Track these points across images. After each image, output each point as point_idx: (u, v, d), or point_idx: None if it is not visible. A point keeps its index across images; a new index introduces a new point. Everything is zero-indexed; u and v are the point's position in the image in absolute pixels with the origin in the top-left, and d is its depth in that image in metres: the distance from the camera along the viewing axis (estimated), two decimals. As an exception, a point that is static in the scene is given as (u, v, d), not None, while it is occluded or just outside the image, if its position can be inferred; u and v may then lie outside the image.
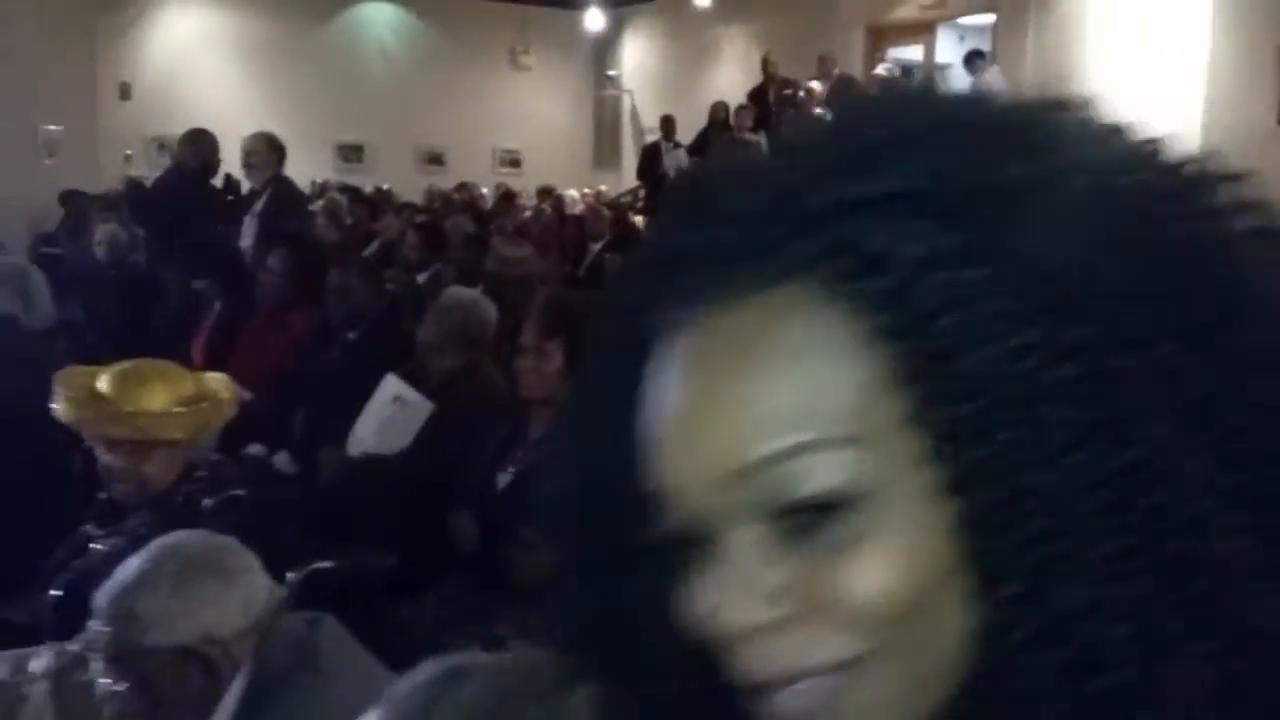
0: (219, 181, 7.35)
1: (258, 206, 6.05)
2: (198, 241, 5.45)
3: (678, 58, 14.24)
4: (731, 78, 12.52)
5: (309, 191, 9.18)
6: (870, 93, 0.45)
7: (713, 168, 0.46)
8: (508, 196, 11.38)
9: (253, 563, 1.60)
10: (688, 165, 10.52)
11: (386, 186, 11.51)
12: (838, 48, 11.35)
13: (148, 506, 2.37)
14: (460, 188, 11.56)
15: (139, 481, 2.41)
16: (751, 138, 9.38)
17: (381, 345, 3.94)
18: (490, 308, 4.04)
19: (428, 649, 1.06)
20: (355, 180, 11.88)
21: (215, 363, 4.20)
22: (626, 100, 14.76)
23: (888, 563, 0.37)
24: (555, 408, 2.83)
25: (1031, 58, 9.94)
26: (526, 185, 12.44)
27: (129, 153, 11.43)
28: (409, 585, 2.90)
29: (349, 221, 8.83)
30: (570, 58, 15.22)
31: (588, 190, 12.43)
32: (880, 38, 11.78)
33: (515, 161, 14.56)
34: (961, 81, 10.37)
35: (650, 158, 11.16)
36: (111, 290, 5.81)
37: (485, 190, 11.86)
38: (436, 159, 14.06)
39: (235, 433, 2.99)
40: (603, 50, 15.33)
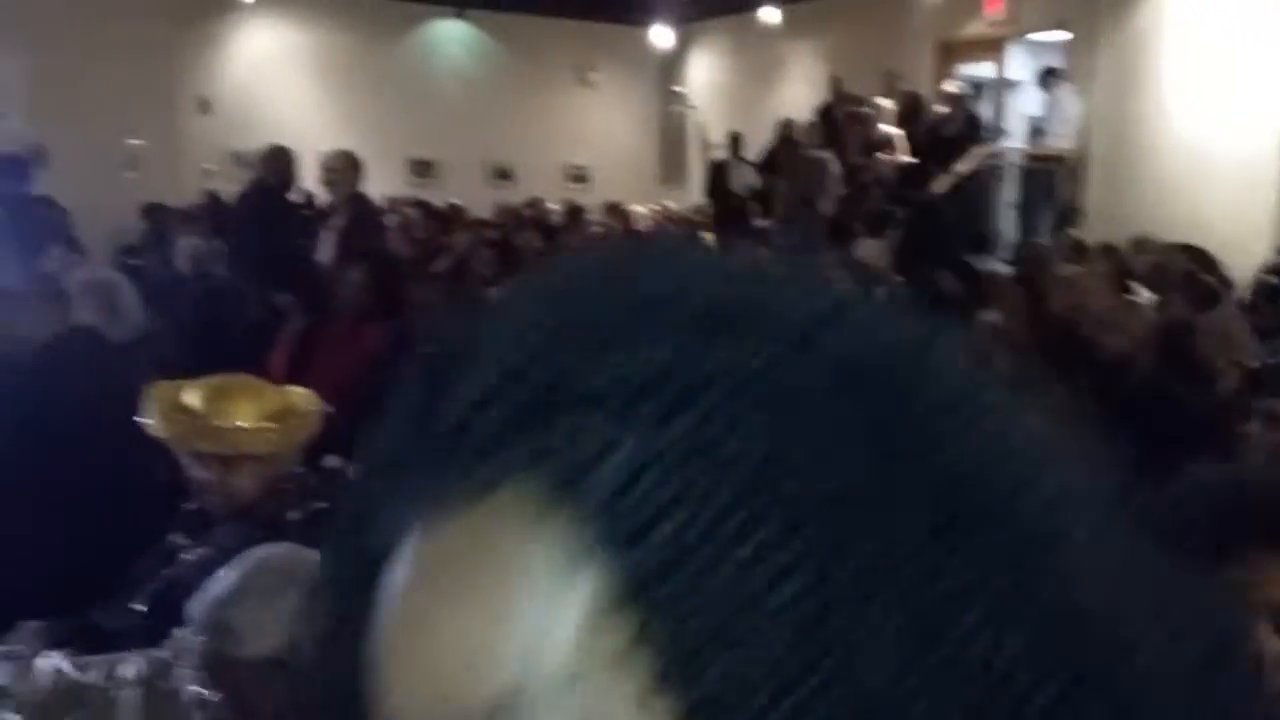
0: (296, 196, 7.51)
1: (337, 222, 6.18)
2: (277, 255, 5.58)
3: (744, 74, 14.26)
4: (798, 94, 12.51)
5: (382, 206, 9.32)
6: (608, 251, 0.39)
7: (445, 343, 0.39)
8: (575, 212, 11.47)
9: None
10: (754, 182, 10.54)
11: (457, 202, 11.66)
12: (906, 64, 11.29)
13: (235, 518, 2.43)
14: (530, 204, 11.67)
15: (227, 494, 2.47)
16: (818, 154, 9.37)
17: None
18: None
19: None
20: (426, 195, 12.06)
21: (294, 374, 4.29)
22: (692, 117, 14.80)
23: None
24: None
25: (1105, 75, 9.81)
26: (594, 201, 12.53)
27: (208, 166, 11.72)
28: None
29: (420, 236, 8.97)
30: (637, 75, 15.32)
31: (654, 206, 12.48)
32: (949, 54, 11.70)
33: (583, 177, 14.67)
34: (1034, 99, 10.26)
35: (717, 175, 11.18)
36: (192, 301, 5.95)
37: (554, 206, 11.97)
38: (505, 174, 14.21)
39: (312, 444, 3.05)
40: (669, 67, 15.40)
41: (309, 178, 7.72)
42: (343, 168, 6.52)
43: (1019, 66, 11.04)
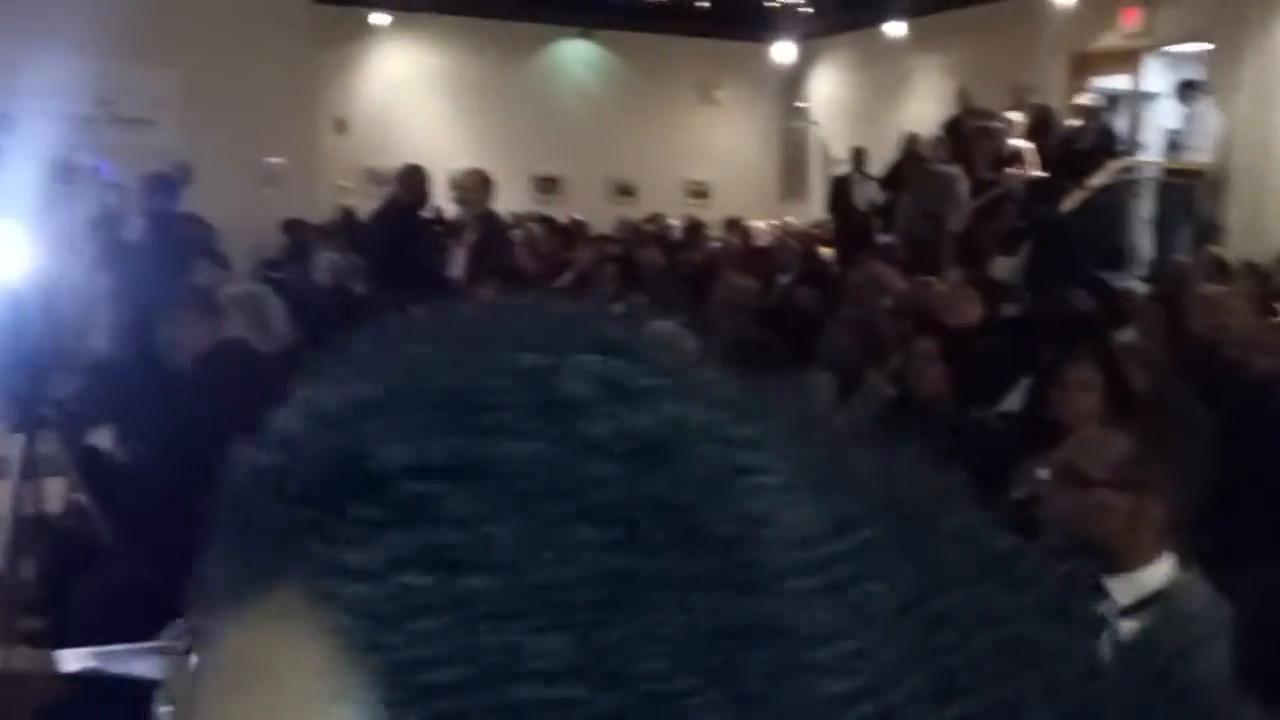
0: (429, 212, 7.74)
1: (468, 238, 6.35)
2: (412, 270, 5.76)
3: (868, 88, 14.14)
4: (924, 108, 12.35)
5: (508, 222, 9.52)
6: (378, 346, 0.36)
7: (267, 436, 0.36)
8: (696, 228, 11.53)
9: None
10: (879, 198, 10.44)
11: (580, 217, 11.84)
12: (1037, 77, 11.05)
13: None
14: (651, 219, 11.78)
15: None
16: (945, 169, 9.23)
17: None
18: (690, 341, 4.12)
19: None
20: (550, 211, 12.28)
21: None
22: (814, 132, 14.75)
23: None
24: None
25: (1249, 87, 9.44)
26: (714, 216, 12.58)
27: (343, 184, 12.16)
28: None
29: (544, 251, 9.13)
30: (759, 90, 15.33)
31: (774, 222, 12.46)
32: (1083, 67, 11.41)
33: (703, 193, 14.73)
34: (1171, 112, 9.93)
35: (839, 190, 11.11)
36: (330, 314, 6.17)
37: (674, 221, 12.05)
38: (627, 190, 14.37)
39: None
40: (791, 82, 15.37)
41: (440, 195, 7.94)
42: (474, 185, 6.70)
43: (1156, 79, 10.70)
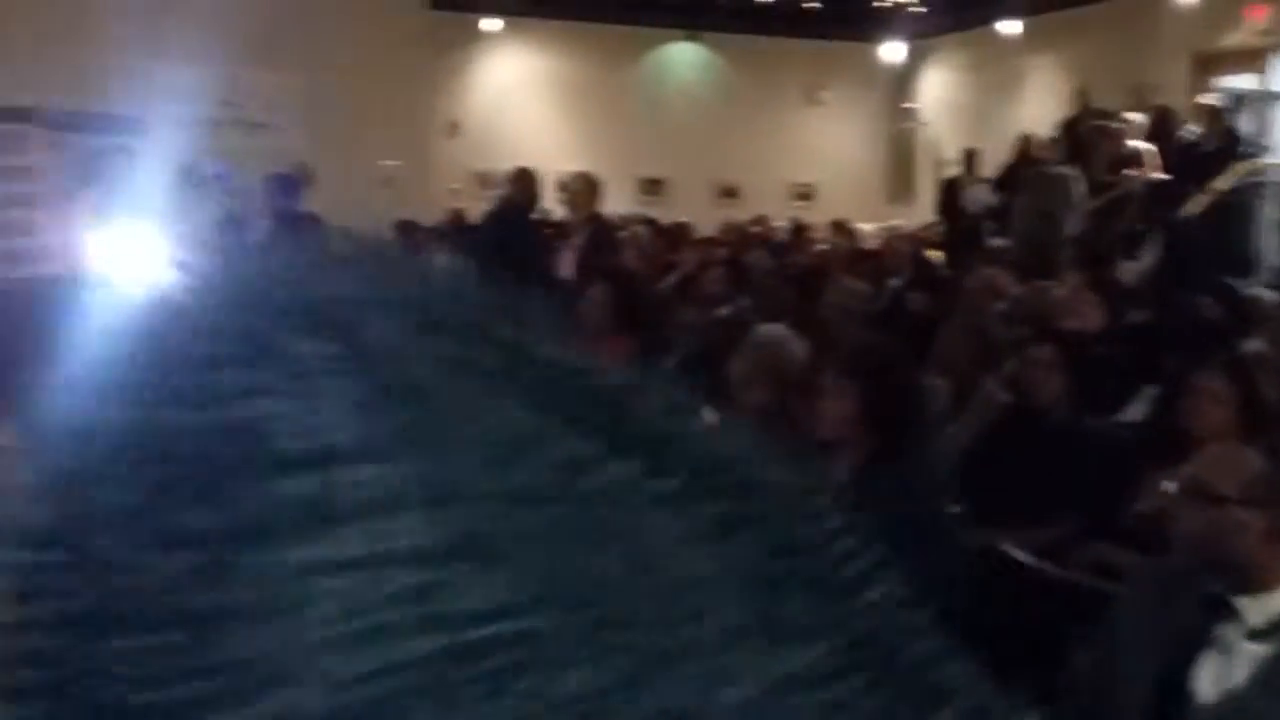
0: (538, 215, 7.83)
1: (576, 240, 6.43)
2: (524, 272, 5.85)
3: (980, 88, 13.87)
4: (1038, 109, 12.06)
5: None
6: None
7: None
8: (801, 230, 11.43)
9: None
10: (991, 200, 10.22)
11: (684, 219, 11.85)
12: (1158, 76, 10.70)
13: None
14: (756, 221, 11.73)
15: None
16: (1061, 171, 9.00)
17: (705, 375, 4.08)
18: (799, 345, 4.10)
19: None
20: (654, 213, 12.31)
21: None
22: (923, 133, 14.51)
23: None
24: (849, 451, 2.84)
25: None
26: (820, 219, 12.47)
27: (455, 186, 12.39)
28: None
29: (649, 254, 9.15)
30: (867, 91, 15.15)
31: (881, 224, 12.30)
32: (1207, 65, 11.01)
33: (809, 195, 14.62)
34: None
35: (950, 192, 10.91)
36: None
37: (779, 223, 11.98)
38: (731, 192, 14.34)
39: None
40: (900, 83, 15.15)
41: (548, 197, 8.04)
42: (581, 188, 6.77)
43: (1288, 77, 10.28)
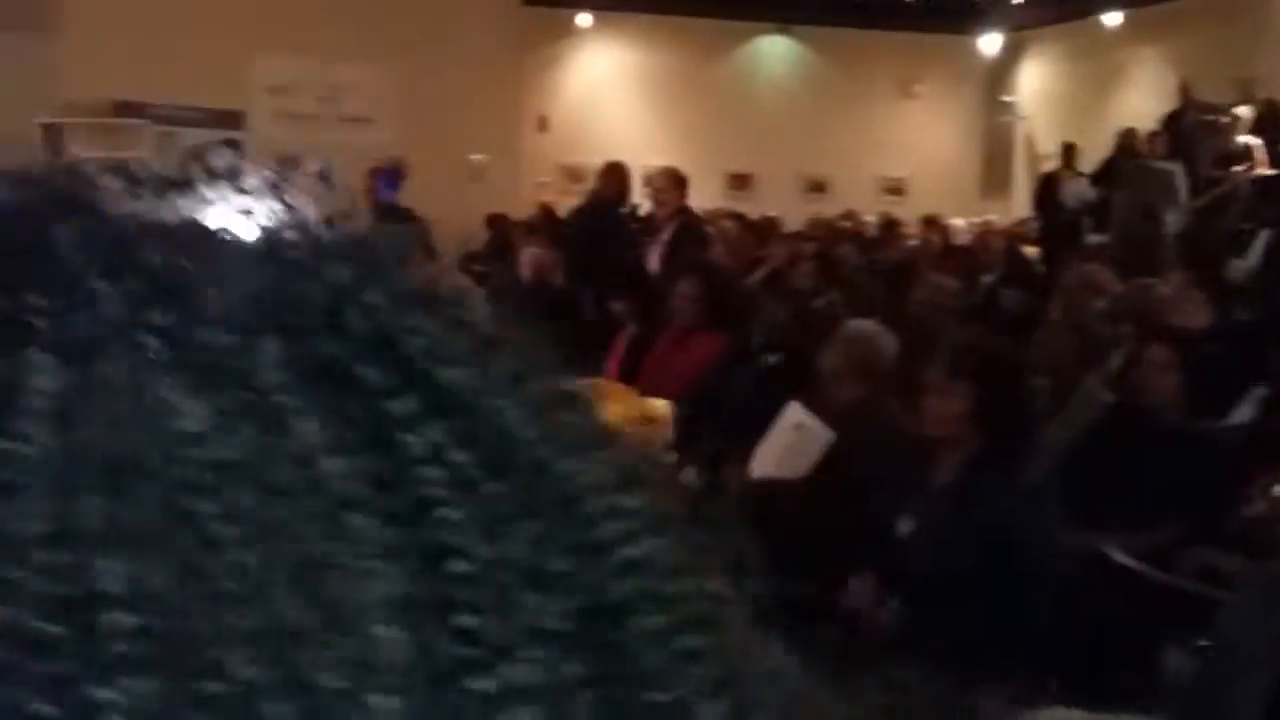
0: (626, 209, 7.84)
1: (664, 236, 6.43)
2: (612, 265, 5.87)
3: (1080, 81, 13.52)
4: (1140, 102, 11.72)
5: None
6: None
7: None
8: (891, 225, 11.29)
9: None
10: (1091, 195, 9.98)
11: (771, 214, 11.78)
12: (1267, 68, 10.32)
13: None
14: (846, 216, 11.61)
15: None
16: (1164, 165, 8.75)
17: (797, 371, 4.06)
18: (891, 340, 4.05)
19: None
20: (742, 208, 12.25)
21: (625, 380, 4.51)
22: (1020, 126, 14.20)
23: None
24: (959, 453, 2.79)
25: None
26: (910, 214, 12.28)
27: (543, 180, 12.49)
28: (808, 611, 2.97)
29: (737, 248, 9.11)
30: (962, 84, 14.88)
31: (975, 219, 12.07)
32: (1320, 56, 10.58)
33: (899, 189, 14.41)
34: None
35: (1047, 187, 10.67)
36: (532, 307, 6.35)
37: (869, 218, 11.84)
38: (820, 187, 14.20)
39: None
40: (997, 75, 14.85)
41: (636, 191, 8.05)
42: (668, 183, 6.76)
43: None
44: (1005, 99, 14.65)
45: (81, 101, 7.91)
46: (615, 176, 7.20)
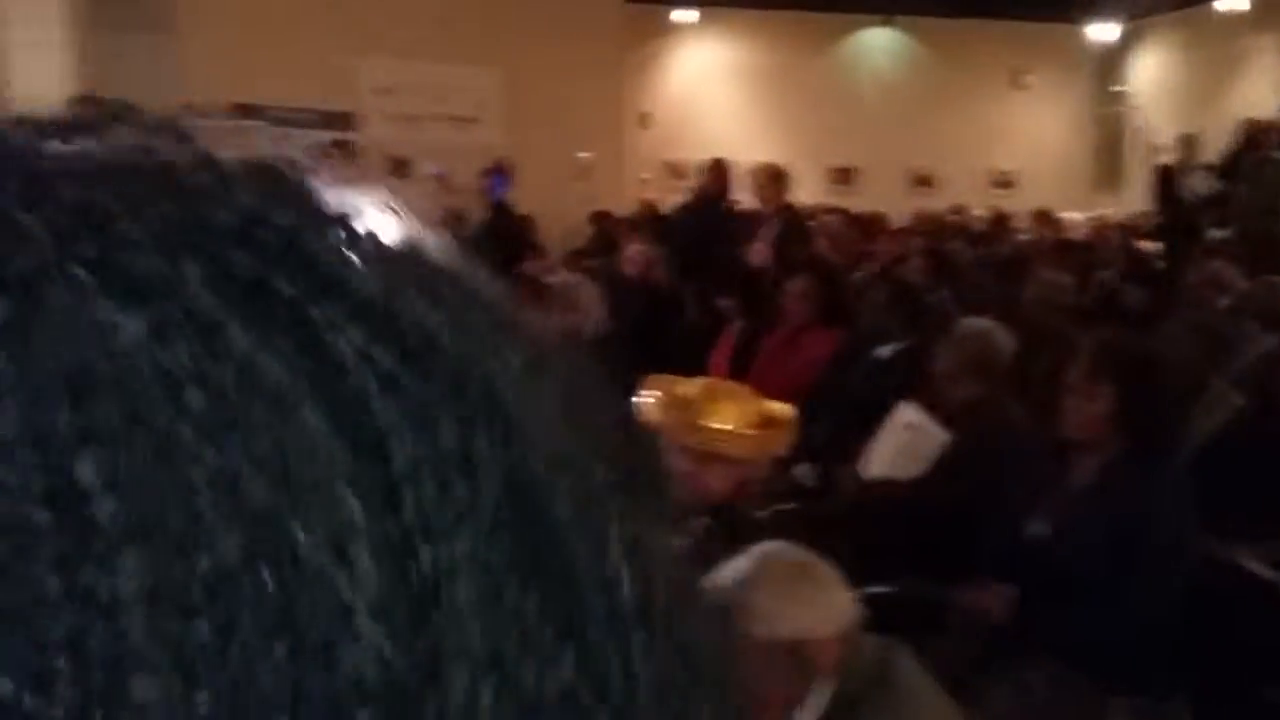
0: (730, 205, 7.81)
1: (767, 232, 6.39)
2: (717, 262, 5.86)
3: (1198, 70, 13.05)
4: (1262, 92, 11.26)
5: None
6: None
7: None
8: (1000, 219, 11.05)
9: (838, 577, 1.72)
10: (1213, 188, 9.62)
11: (876, 209, 11.63)
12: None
13: (708, 512, 2.59)
14: (954, 210, 11.39)
15: (698, 488, 2.64)
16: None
17: (908, 367, 4.00)
18: (1007, 338, 3.97)
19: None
20: (844, 203, 12.12)
21: (732, 377, 4.50)
22: (1135, 118, 13.77)
23: None
24: (1099, 455, 2.72)
25: None
26: (1020, 208, 12.01)
27: (645, 176, 12.52)
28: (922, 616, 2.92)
29: (841, 244, 9.01)
30: (1073, 74, 14.48)
31: (1088, 213, 11.75)
32: None
33: (1008, 183, 14.10)
34: None
35: (1164, 180, 10.31)
36: (637, 304, 6.37)
37: (978, 213, 11.61)
38: (925, 181, 13.97)
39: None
40: (1110, 65, 14.42)
41: (738, 187, 8.02)
42: (771, 180, 6.73)
43: None
44: (1118, 89, 14.23)
45: (200, 103, 8.16)
46: (718, 173, 7.19)
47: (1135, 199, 11.91)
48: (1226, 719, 2.58)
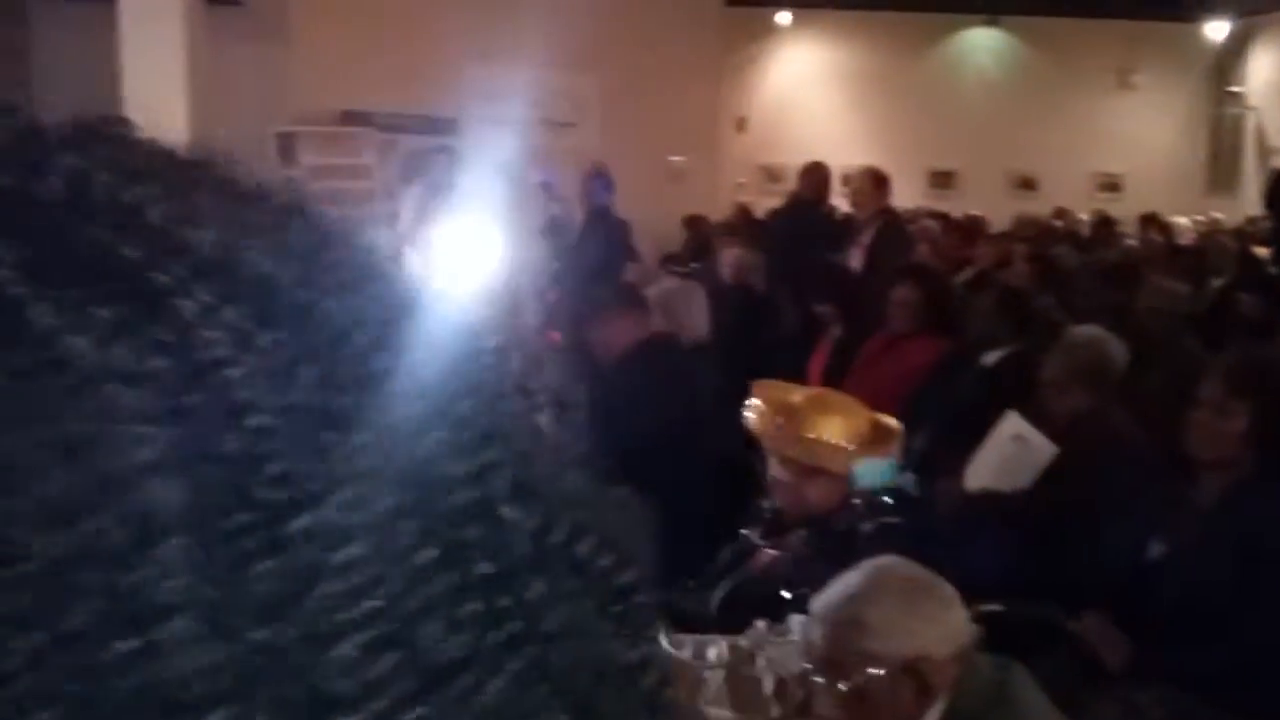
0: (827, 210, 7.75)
1: (865, 237, 6.31)
2: (814, 267, 5.80)
3: (1319, 69, 12.54)
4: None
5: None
6: None
7: None
8: (1106, 223, 10.75)
9: (955, 595, 1.68)
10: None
11: (976, 213, 11.41)
12: None
13: (809, 525, 2.56)
14: (1058, 214, 11.12)
15: (799, 500, 2.62)
16: None
17: (1015, 376, 3.92)
18: (1120, 347, 3.85)
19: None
20: (944, 206, 11.92)
21: (830, 384, 4.45)
22: (1251, 118, 13.27)
23: None
24: (1228, 474, 2.62)
25: None
26: (1127, 212, 11.67)
27: (741, 180, 12.48)
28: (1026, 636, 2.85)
29: (941, 248, 8.85)
30: (1185, 74, 14.02)
31: (1199, 217, 11.36)
32: None
33: (1114, 186, 13.71)
34: None
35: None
36: (732, 309, 6.34)
37: (1082, 216, 11.32)
38: (1028, 184, 13.66)
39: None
40: (1224, 64, 13.93)
41: (836, 191, 7.94)
42: (869, 184, 6.63)
43: None
44: (1233, 89, 13.73)
45: (310, 111, 8.36)
46: (815, 176, 7.12)
47: (1250, 203, 11.48)
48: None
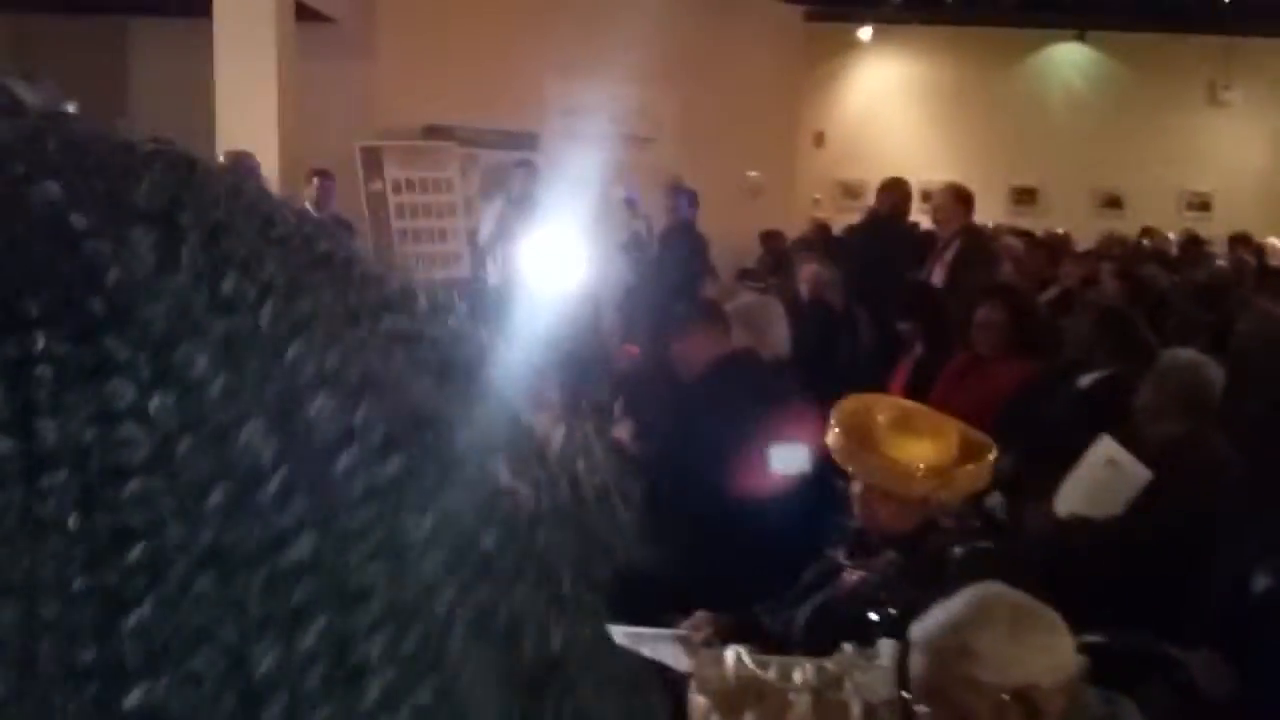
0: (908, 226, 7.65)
1: (946, 254, 6.21)
2: (896, 285, 5.72)
3: None
4: None
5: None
6: None
7: None
8: (1194, 243, 10.49)
9: (1063, 624, 1.63)
10: None
11: (1060, 230, 11.20)
12: None
13: (896, 547, 2.51)
14: (1145, 233, 10.88)
15: (874, 520, 2.56)
16: None
17: (1108, 399, 3.82)
18: (1217, 371, 3.74)
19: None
20: (1026, 224, 11.72)
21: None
22: (1349, 136, 12.89)
23: None
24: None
25: None
26: (1217, 231, 11.37)
27: (817, 196, 12.40)
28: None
29: (1024, 267, 8.69)
30: (1277, 89, 13.63)
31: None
32: None
33: (1204, 205, 13.37)
34: None
35: (1383, 203, 9.60)
36: (809, 325, 6.29)
37: (1170, 235, 11.05)
38: (1114, 202, 13.38)
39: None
40: (1320, 79, 13.52)
41: (916, 208, 7.84)
42: (951, 200, 6.53)
43: None
44: (1330, 105, 13.32)
45: (395, 125, 8.48)
46: (895, 192, 7.04)
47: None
48: None
